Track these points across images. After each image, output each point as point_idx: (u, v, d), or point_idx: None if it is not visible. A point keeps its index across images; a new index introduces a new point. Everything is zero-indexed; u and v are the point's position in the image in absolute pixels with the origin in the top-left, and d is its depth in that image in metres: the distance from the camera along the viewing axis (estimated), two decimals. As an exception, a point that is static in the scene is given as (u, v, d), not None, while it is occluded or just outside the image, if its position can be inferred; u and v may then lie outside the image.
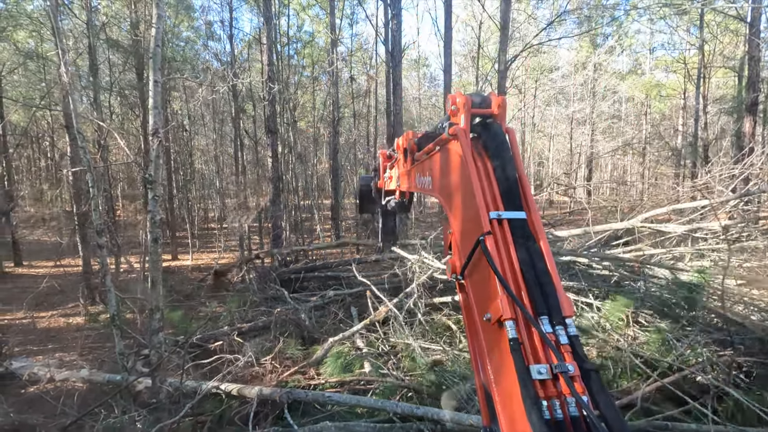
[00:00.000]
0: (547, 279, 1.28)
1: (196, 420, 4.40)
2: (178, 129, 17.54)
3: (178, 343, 5.71)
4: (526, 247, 1.34)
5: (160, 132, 4.21)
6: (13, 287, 11.32)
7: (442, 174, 1.81)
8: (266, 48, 11.49)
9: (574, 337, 1.18)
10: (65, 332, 8.25)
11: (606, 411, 1.05)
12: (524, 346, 1.16)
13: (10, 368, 5.79)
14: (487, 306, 1.31)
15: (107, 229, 6.70)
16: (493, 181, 1.48)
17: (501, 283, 1.20)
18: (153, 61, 4.23)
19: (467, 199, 1.49)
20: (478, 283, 1.42)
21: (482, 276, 1.36)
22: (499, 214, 1.38)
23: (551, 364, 1.11)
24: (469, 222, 1.47)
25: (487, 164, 1.55)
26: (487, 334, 1.33)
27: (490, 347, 1.32)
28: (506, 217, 1.39)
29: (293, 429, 4.09)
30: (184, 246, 16.20)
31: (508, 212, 1.41)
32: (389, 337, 6.13)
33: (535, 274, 1.28)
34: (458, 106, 1.60)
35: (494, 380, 1.28)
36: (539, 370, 1.10)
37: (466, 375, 4.95)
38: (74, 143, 11.13)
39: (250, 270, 9.96)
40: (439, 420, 3.81)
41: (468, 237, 1.47)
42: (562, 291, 1.27)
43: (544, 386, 1.10)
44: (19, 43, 15.33)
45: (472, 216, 1.44)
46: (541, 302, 1.22)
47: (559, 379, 1.09)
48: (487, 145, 1.58)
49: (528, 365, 1.12)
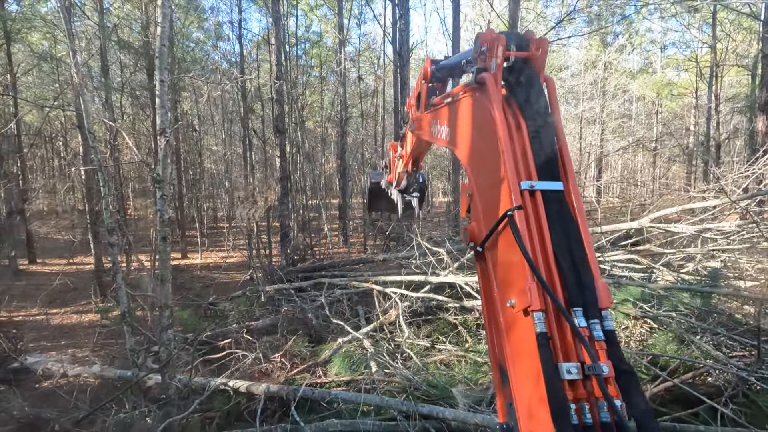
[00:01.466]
0: (584, 264, 1.12)
1: (204, 416, 4.46)
2: (188, 129, 17.72)
3: (187, 341, 5.79)
4: (562, 225, 1.17)
5: (167, 132, 4.27)
6: (27, 284, 11.53)
7: (463, 127, 1.57)
8: (275, 48, 11.57)
9: (611, 332, 1.05)
10: (78, 329, 8.40)
11: (642, 419, 0.95)
12: (553, 340, 1.05)
13: (24, 363, 5.92)
14: (510, 289, 1.17)
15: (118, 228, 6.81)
16: (527, 143, 1.26)
17: (532, 270, 1.07)
18: (159, 61, 4.29)
19: (493, 163, 1.27)
20: (502, 261, 1.26)
21: (507, 254, 1.21)
22: (531, 185, 1.19)
23: (583, 363, 1.00)
24: (494, 189, 1.28)
25: (520, 121, 1.31)
26: (510, 320, 1.19)
27: (511, 335, 1.19)
28: (540, 189, 1.20)
29: (300, 426, 4.14)
30: (193, 245, 16.37)
31: (542, 182, 1.21)
32: (396, 337, 6.15)
33: (571, 257, 1.13)
34: (489, 48, 1.32)
35: (513, 371, 1.17)
36: (569, 370, 0.99)
37: (471, 377, 4.96)
38: (86, 143, 11.33)
39: (258, 269, 10.04)
40: (444, 418, 3.83)
41: (492, 206, 1.29)
42: (600, 278, 1.12)
43: (574, 387, 1.00)
44: (34, 45, 15.60)
45: (497, 183, 1.25)
46: (576, 291, 1.08)
47: (591, 379, 0.99)
48: (521, 97, 1.34)
49: (556, 363, 1.01)
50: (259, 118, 18.86)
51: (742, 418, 3.72)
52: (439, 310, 6.88)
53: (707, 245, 6.81)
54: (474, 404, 4.02)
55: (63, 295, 10.45)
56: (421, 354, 5.66)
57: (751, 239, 6.25)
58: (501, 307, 1.25)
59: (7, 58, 12.81)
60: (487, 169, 1.34)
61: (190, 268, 13.79)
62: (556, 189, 1.22)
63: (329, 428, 4.06)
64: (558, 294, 1.09)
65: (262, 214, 11.60)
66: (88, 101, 5.15)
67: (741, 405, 3.90)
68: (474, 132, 1.45)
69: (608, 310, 1.09)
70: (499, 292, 1.28)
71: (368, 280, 7.73)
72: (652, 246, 7.30)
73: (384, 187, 3.24)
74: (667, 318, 5.30)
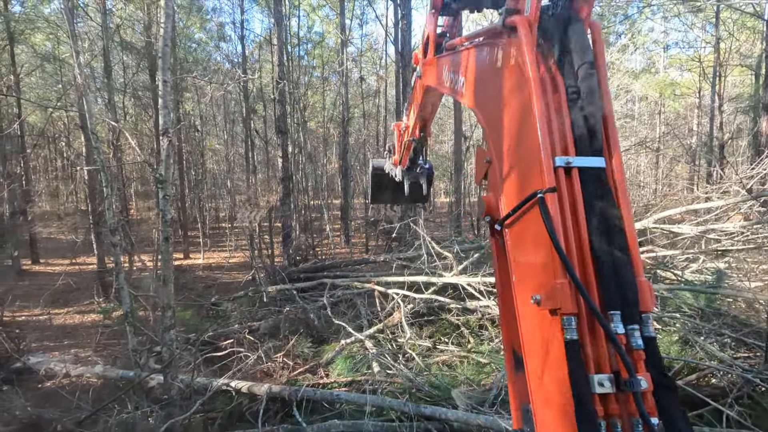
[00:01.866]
0: (626, 258, 0.96)
1: (206, 416, 4.46)
2: (190, 129, 17.76)
3: (189, 341, 5.79)
4: (602, 211, 0.99)
5: (170, 132, 4.27)
6: (30, 284, 11.57)
7: (483, 80, 1.32)
8: (277, 48, 11.58)
9: (651, 340, 0.93)
10: (80, 329, 8.42)
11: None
12: (584, 347, 0.91)
13: (27, 363, 5.93)
14: (536, 282, 1.01)
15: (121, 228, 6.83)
16: (564, 108, 1.04)
17: (564, 267, 0.91)
18: (162, 61, 4.30)
19: (520, 128, 1.08)
20: (526, 247, 1.09)
21: (533, 241, 1.03)
22: (568, 161, 1.00)
23: (617, 373, 0.89)
24: (521, 162, 1.09)
25: (557, 80, 1.08)
26: (532, 318, 1.03)
27: (533, 334, 1.04)
28: (578, 166, 1.01)
29: (302, 426, 4.13)
30: (195, 245, 16.39)
31: (581, 158, 1.01)
32: (398, 338, 6.14)
33: (610, 250, 0.96)
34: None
35: (533, 374, 1.04)
36: (601, 382, 0.88)
37: (474, 378, 4.94)
38: (89, 144, 11.37)
39: (260, 269, 10.04)
40: (447, 420, 3.81)
41: (516, 179, 1.12)
42: (643, 277, 0.97)
43: (605, 401, 0.89)
44: (37, 46, 15.66)
45: (525, 153, 1.06)
46: (614, 291, 0.93)
47: (626, 393, 0.88)
48: (559, 49, 1.08)
49: (587, 374, 0.89)
50: (261, 118, 18.89)
51: (747, 420, 3.68)
52: (441, 311, 6.86)
53: (711, 246, 6.77)
54: (476, 405, 4.01)
55: (66, 295, 10.48)
56: (424, 355, 5.64)
57: (755, 240, 6.22)
58: (520, 299, 1.10)
59: (11, 59, 12.86)
60: (512, 134, 1.12)
61: (192, 268, 13.80)
62: (596, 166, 1.01)
63: (331, 429, 4.05)
64: (593, 294, 0.94)
65: (264, 215, 11.60)
66: (91, 102, 5.16)
67: (746, 407, 3.87)
68: (498, 88, 1.20)
69: (650, 314, 0.95)
70: (518, 280, 1.12)
71: (370, 280, 7.72)
72: (656, 246, 7.27)
73: (388, 171, 3.04)
74: (671, 319, 5.26)
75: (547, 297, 0.95)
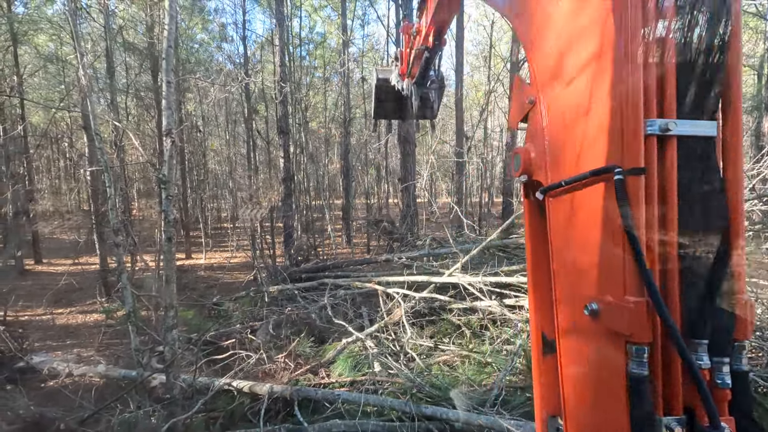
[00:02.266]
0: (726, 272, 0.73)
1: (208, 416, 4.47)
2: (192, 130, 17.82)
3: (191, 341, 5.82)
4: (702, 197, 0.74)
5: (173, 132, 4.29)
6: (33, 284, 11.62)
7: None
8: (278, 49, 11.62)
9: (741, 376, 0.75)
10: (83, 328, 8.45)
11: None
12: (653, 382, 0.73)
13: (30, 363, 5.96)
14: (591, 284, 0.82)
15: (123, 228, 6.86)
16: (668, 43, 0.71)
17: (648, 287, 0.69)
18: (166, 62, 4.32)
19: (588, 62, 0.79)
20: (578, 233, 0.87)
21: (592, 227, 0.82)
22: (665, 126, 0.71)
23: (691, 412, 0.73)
24: (580, 107, 0.83)
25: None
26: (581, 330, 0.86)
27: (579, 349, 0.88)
28: (678, 134, 0.73)
29: (303, 426, 4.14)
30: (197, 245, 16.44)
31: (685, 123, 0.73)
32: (400, 338, 6.15)
33: (706, 259, 0.74)
34: None
35: (573, 395, 0.90)
36: (670, 426, 0.71)
37: (475, 378, 4.95)
38: (92, 144, 11.42)
39: (262, 269, 10.07)
40: (448, 420, 3.82)
41: (578, 139, 0.85)
42: (745, 293, 0.75)
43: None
44: (40, 47, 15.74)
45: (594, 101, 0.79)
46: (703, 311, 0.73)
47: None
48: None
49: (654, 415, 0.72)
50: (263, 118, 18.94)
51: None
52: (442, 311, 6.87)
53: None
54: (477, 405, 4.01)
55: (68, 294, 10.53)
56: (425, 354, 5.65)
57: (757, 239, 6.21)
58: (562, 296, 0.93)
59: (14, 60, 12.93)
60: (574, 68, 0.83)
61: (194, 268, 13.84)
62: (704, 135, 0.73)
63: (333, 429, 4.07)
64: (676, 314, 0.72)
65: (266, 215, 11.64)
66: (94, 102, 5.18)
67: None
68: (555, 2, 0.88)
69: (745, 343, 0.75)
70: (561, 272, 0.93)
71: (371, 280, 7.73)
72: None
73: (394, 83, 2.74)
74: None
75: (612, 315, 0.74)
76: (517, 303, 6.20)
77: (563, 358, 0.94)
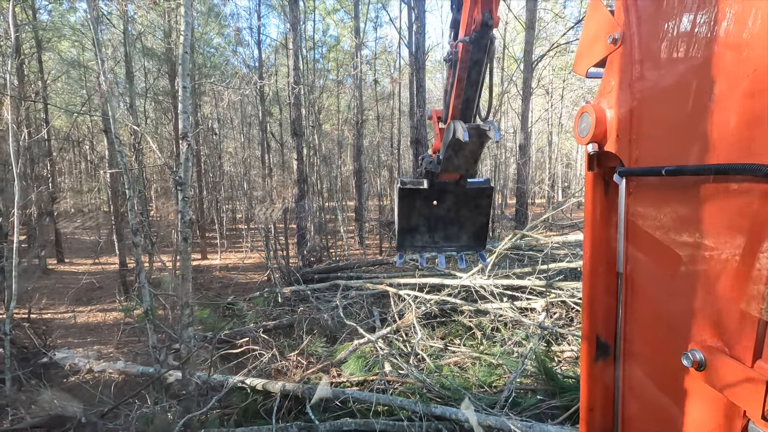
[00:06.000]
0: None
1: (223, 412, 4.59)
2: (208, 132, 18.15)
3: (206, 339, 5.95)
4: None
5: (189, 135, 4.42)
6: (55, 283, 12.00)
7: None
8: (292, 53, 11.78)
9: None
10: (103, 326, 8.70)
11: None
12: None
13: (53, 358, 6.17)
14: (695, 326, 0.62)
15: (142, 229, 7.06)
16: None
17: None
18: (182, 68, 4.45)
19: None
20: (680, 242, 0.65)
21: (709, 238, 0.60)
22: None
23: None
24: (725, 75, 0.56)
25: None
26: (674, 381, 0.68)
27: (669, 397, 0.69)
28: None
29: (315, 424, 4.21)
30: (213, 246, 16.74)
31: None
32: (411, 339, 6.18)
33: None
34: None
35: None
36: None
37: (485, 380, 4.96)
38: (112, 147, 11.76)
39: (275, 270, 10.21)
40: (458, 420, 3.84)
41: (706, 109, 0.59)
42: None
43: None
44: (63, 53, 16.27)
45: (742, 63, 0.55)
46: None
47: None
48: None
49: None
50: (277, 121, 19.19)
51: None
52: (454, 313, 6.88)
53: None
54: (487, 407, 4.02)
55: (89, 293, 10.86)
56: (435, 356, 5.68)
57: None
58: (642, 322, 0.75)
59: (39, 66, 13.38)
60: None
61: (209, 268, 14.10)
62: None
63: (343, 427, 4.12)
64: None
65: (279, 215, 11.80)
66: (114, 107, 5.36)
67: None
68: None
69: None
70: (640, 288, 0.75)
71: (383, 282, 7.78)
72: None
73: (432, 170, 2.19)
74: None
75: (728, 380, 0.55)
76: (528, 305, 6.17)
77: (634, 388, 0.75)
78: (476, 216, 2.34)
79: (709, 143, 0.58)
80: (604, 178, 0.85)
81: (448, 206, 2.32)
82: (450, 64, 2.07)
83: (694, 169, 0.59)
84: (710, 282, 0.59)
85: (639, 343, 0.77)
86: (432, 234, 2.41)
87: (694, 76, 0.59)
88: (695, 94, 0.59)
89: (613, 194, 0.83)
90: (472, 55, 1.78)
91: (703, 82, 0.58)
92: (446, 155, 2.00)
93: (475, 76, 1.86)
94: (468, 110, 1.95)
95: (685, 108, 0.61)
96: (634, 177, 0.73)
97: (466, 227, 2.38)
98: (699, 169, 0.59)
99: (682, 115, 0.62)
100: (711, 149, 0.57)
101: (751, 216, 0.53)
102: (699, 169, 0.59)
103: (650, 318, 0.73)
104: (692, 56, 0.59)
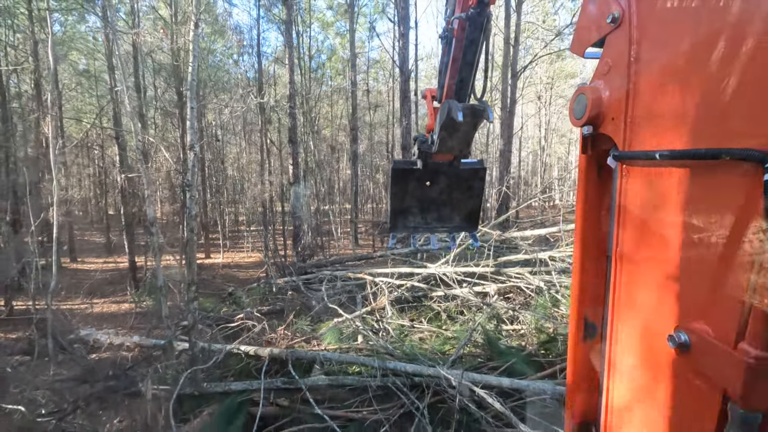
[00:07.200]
0: None
1: (221, 373, 5.61)
2: (212, 139, 19.28)
3: (209, 317, 6.99)
4: None
5: (195, 146, 5.46)
6: (70, 279, 13.07)
7: None
8: (288, 68, 12.87)
9: None
10: (117, 315, 9.75)
11: None
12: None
13: (78, 335, 7.21)
14: (682, 307, 0.67)
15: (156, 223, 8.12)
16: None
17: None
18: (190, 92, 5.51)
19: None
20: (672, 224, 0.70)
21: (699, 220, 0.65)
22: None
23: None
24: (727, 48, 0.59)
25: None
26: (658, 362, 0.73)
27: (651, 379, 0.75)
28: None
29: (295, 379, 5.21)
30: (216, 246, 17.81)
31: None
32: (384, 319, 7.19)
33: None
34: None
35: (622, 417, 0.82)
36: None
37: (439, 348, 5.95)
38: (123, 153, 12.87)
39: (272, 264, 11.25)
40: (406, 372, 4.84)
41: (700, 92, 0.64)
42: None
43: None
44: (75, 63, 17.46)
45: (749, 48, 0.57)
46: None
47: None
48: None
49: None
50: (276, 128, 20.31)
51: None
52: (424, 299, 7.89)
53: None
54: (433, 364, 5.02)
55: (102, 288, 11.94)
56: (403, 333, 6.68)
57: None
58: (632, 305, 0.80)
59: (54, 77, 14.50)
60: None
61: (212, 266, 15.16)
62: None
63: (318, 381, 5.12)
64: None
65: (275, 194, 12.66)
66: (137, 124, 6.41)
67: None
68: None
69: None
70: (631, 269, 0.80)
71: (363, 272, 8.80)
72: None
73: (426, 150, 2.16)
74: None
75: (712, 362, 0.60)
76: (483, 290, 7.18)
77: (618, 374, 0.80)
78: (469, 197, 2.36)
79: (705, 127, 0.62)
80: (597, 161, 0.88)
81: (442, 187, 2.32)
82: (445, 41, 2.05)
83: (688, 153, 0.63)
84: (699, 265, 0.63)
85: (626, 325, 0.80)
86: (425, 215, 2.41)
87: (693, 59, 0.63)
88: (693, 77, 0.63)
89: (607, 177, 0.87)
90: (468, 33, 1.79)
91: (702, 65, 0.62)
92: (440, 135, 1.98)
93: (471, 57, 1.87)
94: (462, 90, 1.96)
95: (682, 91, 0.65)
96: (627, 160, 0.76)
97: (459, 208, 2.39)
98: (693, 154, 0.62)
99: (679, 99, 0.65)
100: (706, 134, 0.61)
101: (743, 201, 0.56)
102: (693, 153, 0.62)
103: (638, 299, 0.77)
104: (692, 38, 0.63)
